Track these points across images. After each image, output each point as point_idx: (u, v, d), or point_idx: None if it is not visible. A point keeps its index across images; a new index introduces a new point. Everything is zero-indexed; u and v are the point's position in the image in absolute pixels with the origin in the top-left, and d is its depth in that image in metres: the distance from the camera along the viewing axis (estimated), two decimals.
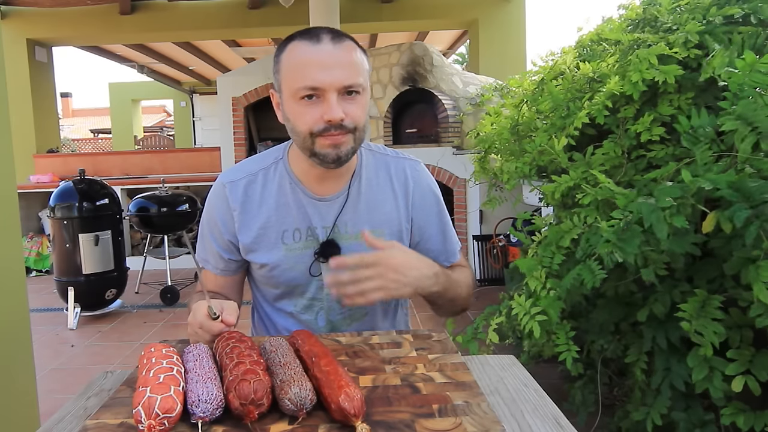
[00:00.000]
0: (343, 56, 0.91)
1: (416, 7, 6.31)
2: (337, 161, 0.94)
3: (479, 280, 4.36)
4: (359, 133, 0.94)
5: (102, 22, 6.32)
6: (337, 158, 0.93)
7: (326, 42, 0.90)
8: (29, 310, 1.82)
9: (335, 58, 0.90)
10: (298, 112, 0.92)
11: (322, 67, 0.89)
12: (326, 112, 0.89)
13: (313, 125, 0.91)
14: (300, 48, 0.91)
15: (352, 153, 0.95)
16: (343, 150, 0.93)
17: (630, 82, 1.41)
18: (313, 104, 0.91)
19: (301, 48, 0.91)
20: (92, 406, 0.74)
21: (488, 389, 0.76)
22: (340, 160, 0.94)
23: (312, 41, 0.91)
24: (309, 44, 0.91)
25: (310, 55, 0.90)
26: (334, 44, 0.91)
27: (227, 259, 1.07)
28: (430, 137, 4.74)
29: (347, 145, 0.93)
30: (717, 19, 1.44)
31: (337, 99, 0.90)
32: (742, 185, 0.99)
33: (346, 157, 0.94)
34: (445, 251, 1.14)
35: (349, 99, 0.92)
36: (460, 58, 16.32)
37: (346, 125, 0.91)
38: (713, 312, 1.14)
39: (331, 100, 0.89)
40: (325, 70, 0.89)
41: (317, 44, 0.90)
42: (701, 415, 1.31)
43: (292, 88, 0.91)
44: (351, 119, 0.91)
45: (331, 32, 0.92)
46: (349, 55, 0.92)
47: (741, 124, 1.05)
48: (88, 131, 18.40)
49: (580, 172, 1.49)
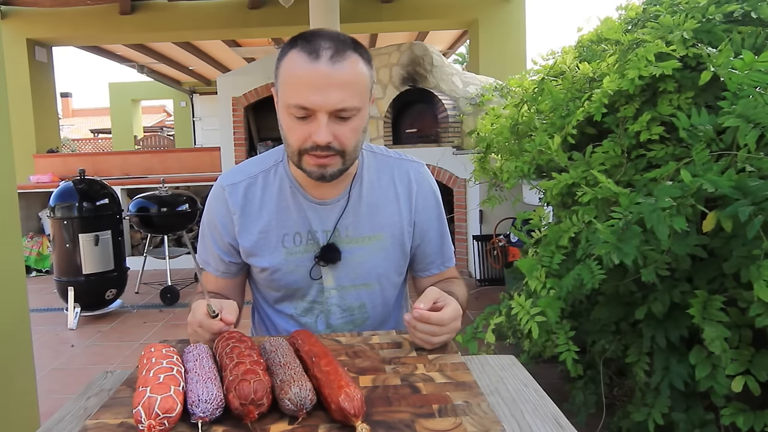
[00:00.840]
0: (340, 77, 0.86)
1: (416, 7, 6.31)
2: (321, 179, 0.93)
3: (479, 280, 4.36)
4: (348, 155, 0.92)
5: (102, 22, 6.32)
6: (322, 177, 0.93)
7: (324, 61, 0.86)
8: (29, 310, 1.82)
9: (330, 79, 0.86)
10: (290, 126, 0.91)
11: (315, 88, 0.86)
12: (314, 133, 0.88)
13: (301, 143, 0.90)
14: (297, 62, 0.87)
15: (339, 173, 0.94)
16: (329, 171, 0.92)
17: (627, 79, 1.41)
18: (303, 123, 0.89)
19: (299, 62, 0.87)
20: (92, 406, 0.74)
21: (488, 389, 0.76)
22: (325, 179, 0.93)
23: (311, 57, 0.86)
24: (307, 60, 0.86)
25: (306, 73, 0.86)
26: (333, 63, 0.86)
27: (228, 261, 1.07)
28: (430, 137, 4.74)
29: (334, 167, 0.92)
30: (716, 17, 1.44)
31: (328, 121, 0.87)
32: (742, 184, 0.99)
33: (331, 177, 0.93)
34: (442, 255, 1.13)
35: (341, 122, 0.89)
36: (460, 58, 16.32)
37: (334, 147, 0.89)
38: (716, 314, 1.14)
39: (320, 121, 0.87)
40: (318, 91, 0.86)
41: (315, 62, 0.86)
42: (701, 415, 1.31)
43: (285, 102, 0.90)
44: (339, 142, 0.89)
45: (333, 47, 0.87)
46: (347, 74, 0.87)
47: (742, 122, 1.05)
48: (88, 131, 18.41)
49: (580, 171, 1.49)
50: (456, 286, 1.09)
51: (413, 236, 1.09)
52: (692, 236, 1.17)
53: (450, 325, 0.85)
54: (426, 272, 1.13)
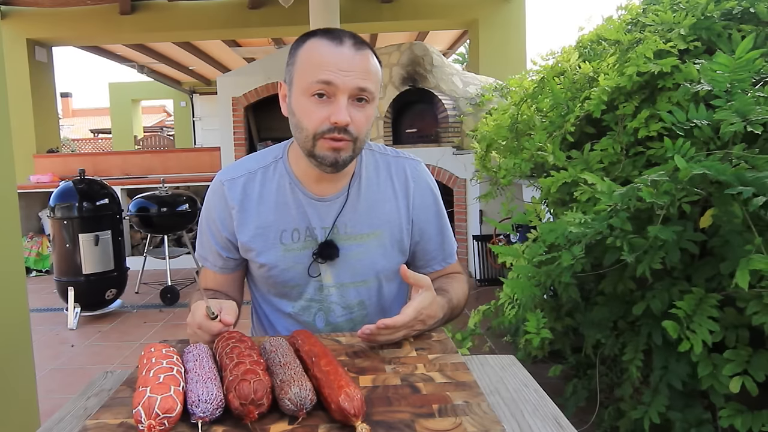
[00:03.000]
0: (361, 63, 0.92)
1: (416, 7, 6.31)
2: (334, 165, 0.94)
3: (479, 280, 4.36)
4: (359, 143, 0.95)
5: (102, 22, 6.32)
6: (335, 162, 0.94)
7: (348, 46, 0.91)
8: (29, 310, 1.82)
9: (353, 63, 0.91)
10: (307, 109, 0.92)
11: (339, 69, 0.90)
12: (334, 113, 0.90)
13: (318, 125, 0.92)
14: (321, 46, 0.92)
15: (349, 160, 0.96)
16: (342, 156, 0.94)
17: (626, 76, 1.42)
18: (323, 104, 0.91)
19: (322, 46, 0.92)
20: (92, 406, 0.74)
21: (488, 389, 0.76)
22: (337, 165, 0.95)
23: (334, 42, 0.91)
24: (331, 44, 0.91)
25: (330, 55, 0.90)
26: (356, 50, 0.92)
27: (226, 257, 1.07)
28: (430, 137, 4.74)
29: (346, 152, 0.94)
30: (715, 14, 1.44)
31: (347, 104, 0.91)
32: (740, 176, 0.99)
33: (344, 163, 0.95)
34: (443, 252, 1.14)
35: (358, 105, 0.93)
36: (460, 58, 16.32)
37: (350, 131, 0.92)
38: (709, 310, 1.14)
39: (340, 102, 0.90)
40: (341, 71, 0.90)
41: (339, 46, 0.91)
42: (698, 415, 1.31)
43: (306, 82, 0.91)
44: (355, 127, 0.92)
45: (353, 38, 0.93)
46: (367, 62, 0.93)
47: (736, 117, 1.05)
48: (88, 131, 18.40)
49: (578, 170, 1.49)
50: (455, 282, 1.09)
51: (411, 233, 1.10)
52: (688, 232, 1.17)
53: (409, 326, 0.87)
54: (428, 269, 1.13)
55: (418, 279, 0.90)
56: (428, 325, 0.92)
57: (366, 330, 0.83)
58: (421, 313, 0.88)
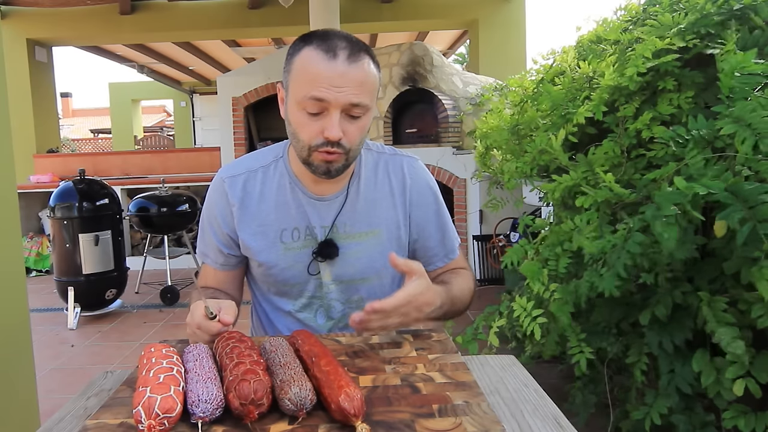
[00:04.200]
0: (355, 76, 0.90)
1: (416, 7, 6.30)
2: (327, 174, 0.96)
3: (479, 280, 4.36)
4: (353, 153, 0.96)
5: (102, 22, 6.31)
6: (328, 172, 0.95)
7: (341, 60, 0.89)
8: (29, 310, 1.82)
9: (346, 78, 0.89)
10: (301, 122, 0.93)
11: (332, 85, 0.89)
12: (327, 129, 0.90)
13: (313, 138, 0.92)
14: (314, 59, 0.90)
15: (343, 168, 0.97)
16: (335, 166, 0.95)
17: (626, 76, 1.41)
18: (315, 119, 0.91)
19: (315, 60, 0.90)
20: (92, 406, 0.74)
21: (488, 389, 0.76)
22: (330, 174, 0.96)
23: (328, 56, 0.89)
24: (324, 58, 0.89)
25: (323, 71, 0.89)
26: (349, 63, 0.90)
27: (227, 254, 1.08)
28: (430, 137, 4.73)
29: (339, 163, 0.95)
30: (713, 9, 1.43)
31: (340, 118, 0.90)
32: (737, 188, 0.99)
33: (336, 172, 0.96)
34: (444, 249, 1.14)
35: (351, 120, 0.92)
36: (460, 58, 16.31)
37: (343, 144, 0.92)
38: (722, 315, 1.13)
39: (333, 117, 0.90)
40: (334, 87, 0.89)
41: (332, 60, 0.89)
42: (702, 417, 1.31)
43: (299, 95, 0.91)
44: (348, 140, 0.92)
45: (348, 47, 0.91)
46: (361, 74, 0.91)
47: (740, 127, 1.04)
48: (88, 131, 18.40)
49: (581, 172, 1.49)
50: (458, 276, 1.09)
51: (410, 231, 1.10)
52: (690, 237, 1.17)
53: (402, 313, 0.86)
54: (431, 266, 1.13)
55: (410, 265, 0.89)
56: (426, 313, 0.90)
57: (356, 317, 0.83)
58: (415, 299, 0.86)
